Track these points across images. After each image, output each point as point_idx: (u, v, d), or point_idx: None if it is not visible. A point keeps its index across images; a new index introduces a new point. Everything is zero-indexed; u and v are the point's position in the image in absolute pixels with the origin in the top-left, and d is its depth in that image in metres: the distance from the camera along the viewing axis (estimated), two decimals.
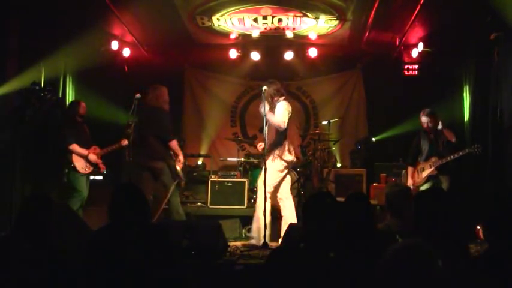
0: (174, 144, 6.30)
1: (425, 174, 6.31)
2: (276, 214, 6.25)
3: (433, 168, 6.23)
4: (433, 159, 6.25)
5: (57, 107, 7.12)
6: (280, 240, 5.75)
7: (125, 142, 6.81)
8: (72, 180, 6.50)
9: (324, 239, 2.80)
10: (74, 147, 6.48)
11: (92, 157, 6.60)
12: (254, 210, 6.18)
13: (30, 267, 2.72)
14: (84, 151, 6.54)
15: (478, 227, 5.45)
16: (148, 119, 6.25)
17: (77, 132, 6.60)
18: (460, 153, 6.03)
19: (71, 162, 6.46)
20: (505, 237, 2.27)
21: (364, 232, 3.16)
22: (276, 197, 6.16)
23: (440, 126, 6.38)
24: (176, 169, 6.25)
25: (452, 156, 6.08)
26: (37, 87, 6.11)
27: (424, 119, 6.33)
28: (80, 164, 6.51)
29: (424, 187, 6.25)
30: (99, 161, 6.72)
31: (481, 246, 4.98)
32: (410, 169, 6.54)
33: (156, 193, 6.29)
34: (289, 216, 6.06)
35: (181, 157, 6.33)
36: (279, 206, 6.21)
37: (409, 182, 6.45)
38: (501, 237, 2.29)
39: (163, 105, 6.33)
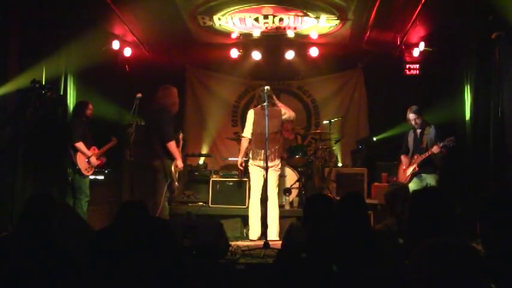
0: (170, 145, 6.21)
1: (408, 172, 6.42)
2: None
3: (414, 165, 6.34)
4: (415, 156, 6.39)
5: (59, 105, 7.15)
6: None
7: (114, 140, 7.08)
8: (78, 182, 6.58)
9: (325, 244, 2.81)
10: (80, 145, 6.57)
11: (93, 160, 6.70)
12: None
13: (33, 266, 2.72)
14: (88, 152, 6.63)
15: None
16: (153, 118, 6.36)
17: (83, 132, 6.71)
18: (433, 150, 6.12)
19: (76, 164, 6.52)
20: (505, 237, 2.27)
21: (360, 232, 3.17)
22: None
23: (433, 129, 6.39)
24: (170, 170, 6.21)
25: (428, 153, 6.19)
26: (37, 85, 6.13)
27: (411, 116, 6.45)
28: (83, 165, 6.59)
29: (410, 186, 6.22)
30: (98, 162, 6.90)
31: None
32: (403, 157, 6.63)
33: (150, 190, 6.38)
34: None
35: (178, 162, 6.25)
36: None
37: (403, 168, 6.53)
38: (501, 237, 2.29)
39: (169, 106, 6.34)
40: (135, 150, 6.22)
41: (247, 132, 6.67)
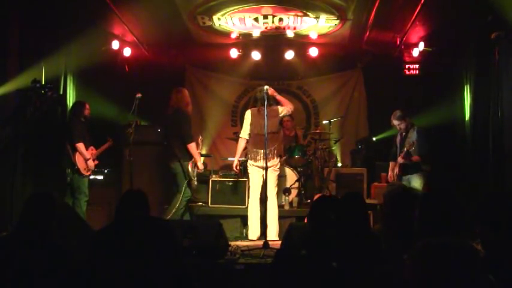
0: (191, 147, 6.39)
1: (394, 175, 6.69)
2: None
3: (397, 169, 6.61)
4: (398, 158, 6.61)
5: (58, 105, 7.16)
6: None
7: (110, 141, 7.16)
8: (77, 182, 6.59)
9: (324, 244, 2.81)
10: (81, 145, 6.59)
11: (90, 163, 6.72)
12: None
13: (32, 266, 2.72)
14: (87, 154, 6.66)
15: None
16: (170, 121, 6.51)
17: (82, 132, 6.73)
18: (398, 160, 6.51)
19: (75, 164, 6.55)
20: (504, 237, 2.27)
21: (359, 232, 3.17)
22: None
23: (415, 133, 6.51)
24: (188, 170, 6.37)
25: (399, 161, 6.51)
26: (37, 85, 6.14)
27: (395, 122, 6.65)
28: (82, 165, 6.62)
29: None
30: (96, 163, 6.98)
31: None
32: (391, 164, 6.86)
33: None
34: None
35: (198, 163, 6.47)
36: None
37: (389, 175, 6.82)
38: (500, 237, 2.29)
39: (185, 108, 6.53)
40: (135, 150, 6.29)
41: (244, 133, 6.72)
